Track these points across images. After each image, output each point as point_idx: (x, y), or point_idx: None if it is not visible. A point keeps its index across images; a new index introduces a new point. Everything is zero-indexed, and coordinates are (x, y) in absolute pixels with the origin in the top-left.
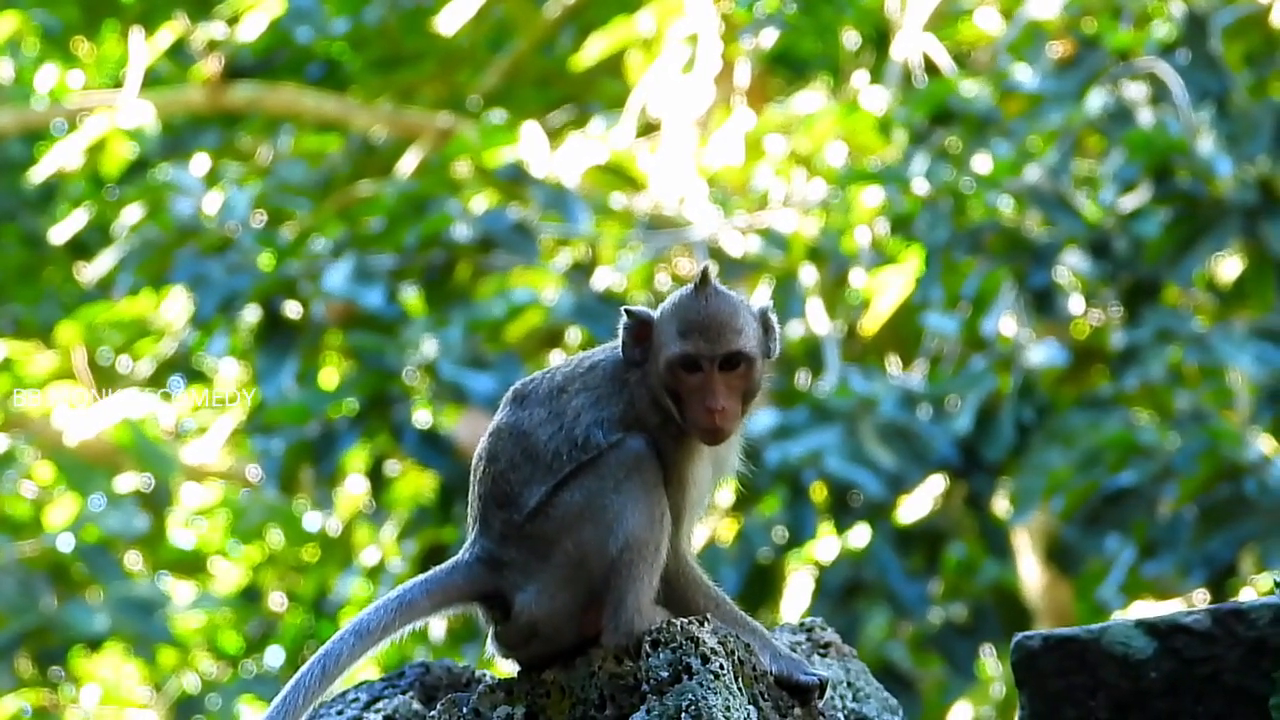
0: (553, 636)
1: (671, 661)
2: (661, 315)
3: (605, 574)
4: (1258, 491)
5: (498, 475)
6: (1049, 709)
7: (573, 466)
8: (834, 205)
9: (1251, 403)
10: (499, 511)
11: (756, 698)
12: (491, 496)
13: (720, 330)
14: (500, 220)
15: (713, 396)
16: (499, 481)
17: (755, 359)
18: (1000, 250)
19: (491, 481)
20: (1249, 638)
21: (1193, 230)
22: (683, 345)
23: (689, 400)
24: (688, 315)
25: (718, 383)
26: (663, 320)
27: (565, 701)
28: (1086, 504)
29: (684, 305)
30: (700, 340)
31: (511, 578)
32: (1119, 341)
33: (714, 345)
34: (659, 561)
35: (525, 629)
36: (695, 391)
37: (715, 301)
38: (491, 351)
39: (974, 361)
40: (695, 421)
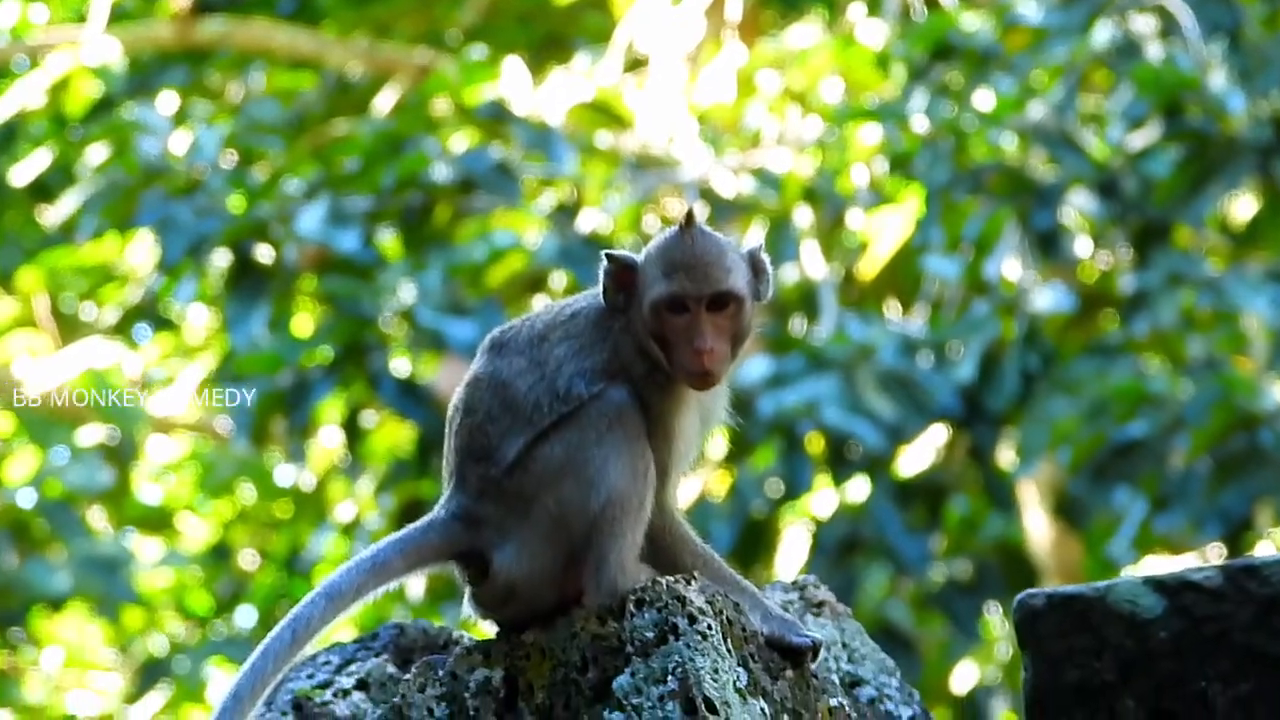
0: (532, 596)
1: (657, 622)
2: (645, 258)
3: (587, 531)
4: (1273, 442)
5: (474, 428)
6: (1052, 670)
7: (554, 419)
8: (830, 144)
9: (1267, 349)
10: (476, 466)
11: (746, 659)
12: (468, 450)
13: (707, 269)
14: (481, 160)
15: (700, 338)
16: (476, 434)
17: (744, 299)
18: (1003, 190)
19: (468, 434)
20: (1262, 595)
21: (1204, 169)
22: (668, 286)
23: (676, 344)
24: (672, 256)
25: (705, 324)
26: (647, 263)
27: (546, 664)
28: (1095, 456)
29: (668, 246)
30: (686, 280)
31: (489, 535)
32: (1128, 285)
33: (700, 285)
34: (643, 517)
35: (503, 589)
36: (682, 334)
37: (701, 241)
38: (472, 297)
39: (976, 307)
40: (682, 365)
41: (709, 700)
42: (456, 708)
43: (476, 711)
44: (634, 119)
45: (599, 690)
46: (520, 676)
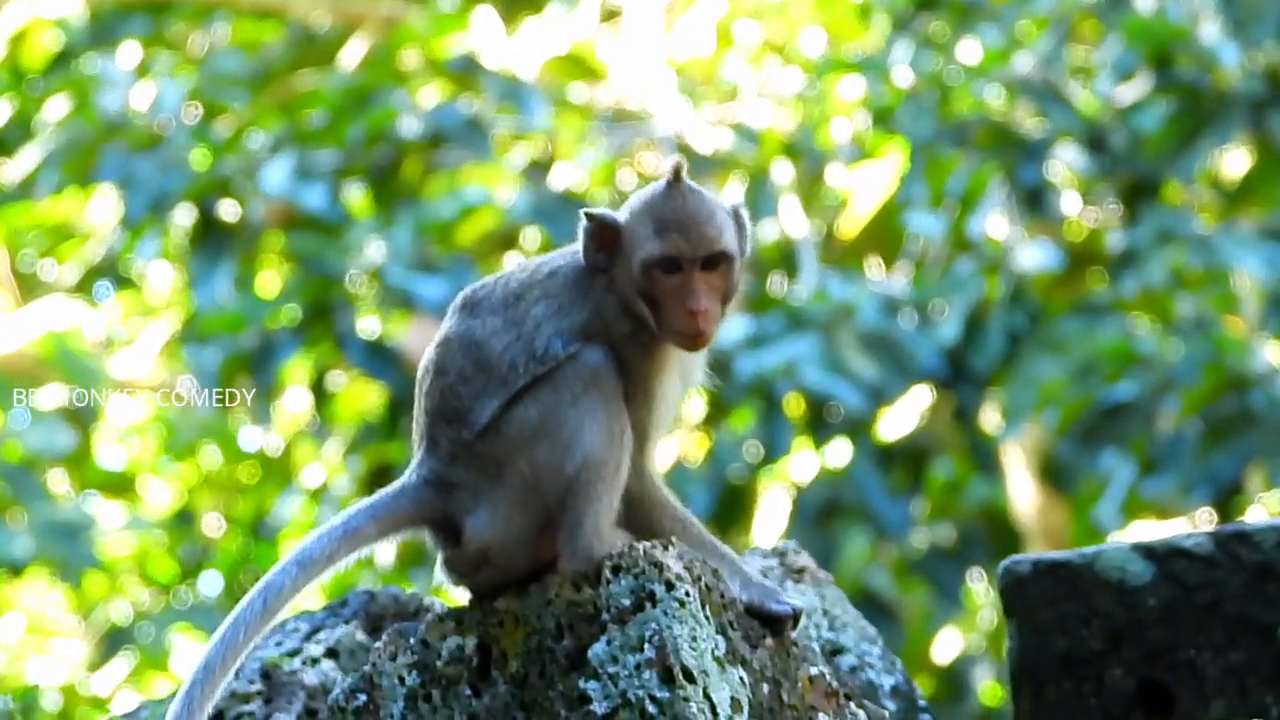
0: (506, 563)
1: (634, 589)
2: (631, 215)
3: (561, 495)
4: (1265, 404)
5: (446, 389)
6: (1039, 639)
7: (528, 380)
8: (810, 97)
9: (1259, 308)
10: (447, 429)
11: (725, 627)
12: (439, 412)
13: (700, 228)
14: (451, 114)
15: (694, 298)
16: (447, 396)
17: (735, 258)
18: (989, 145)
19: (439, 396)
20: (1253, 562)
21: (1195, 123)
22: (661, 245)
23: (667, 304)
24: (662, 214)
25: (699, 283)
26: (633, 220)
27: (520, 631)
28: (1082, 418)
29: (657, 203)
30: (680, 239)
31: (461, 500)
32: (1116, 243)
33: (695, 245)
34: (619, 481)
35: (476, 555)
36: (674, 294)
37: (691, 199)
38: (442, 255)
39: (961, 265)
40: (674, 326)
41: (686, 669)
42: (429, 676)
43: (449, 680)
44: (609, 72)
45: (574, 658)
46: (494, 644)
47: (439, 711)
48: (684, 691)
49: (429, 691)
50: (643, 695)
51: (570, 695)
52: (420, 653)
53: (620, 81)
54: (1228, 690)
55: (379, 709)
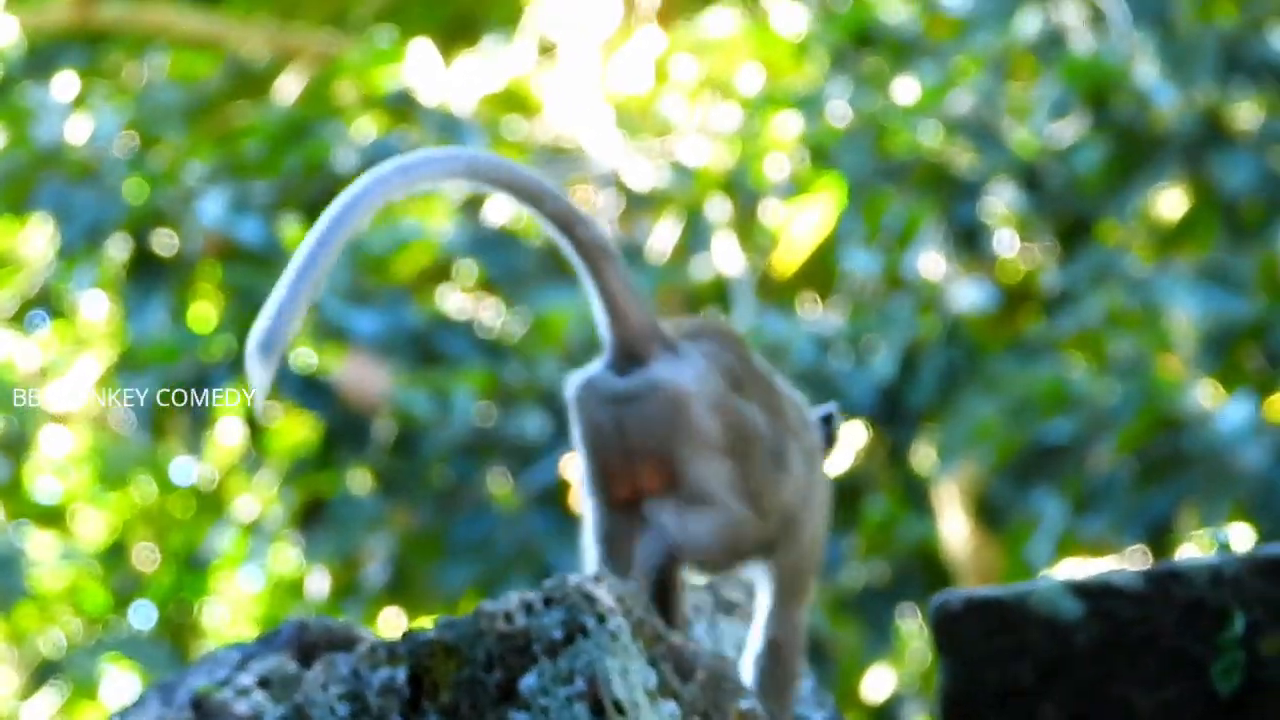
0: None
1: (565, 621)
2: None
3: None
4: (1198, 445)
5: None
6: (970, 674)
7: None
8: (747, 134)
9: (1194, 349)
10: None
11: (656, 660)
12: None
13: None
14: (387, 148)
15: None
16: None
17: None
18: (925, 183)
19: None
20: (1186, 599)
21: (1132, 163)
22: None
23: None
24: None
25: None
26: None
27: (451, 662)
28: (1016, 456)
29: None
30: None
31: None
32: (1052, 282)
33: None
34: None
35: None
36: None
37: None
38: (377, 288)
39: (895, 303)
40: None
41: (617, 702)
42: (360, 707)
43: (381, 711)
44: (545, 107)
45: (505, 690)
46: (425, 676)
47: None
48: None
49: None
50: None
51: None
52: (352, 683)
53: (556, 117)
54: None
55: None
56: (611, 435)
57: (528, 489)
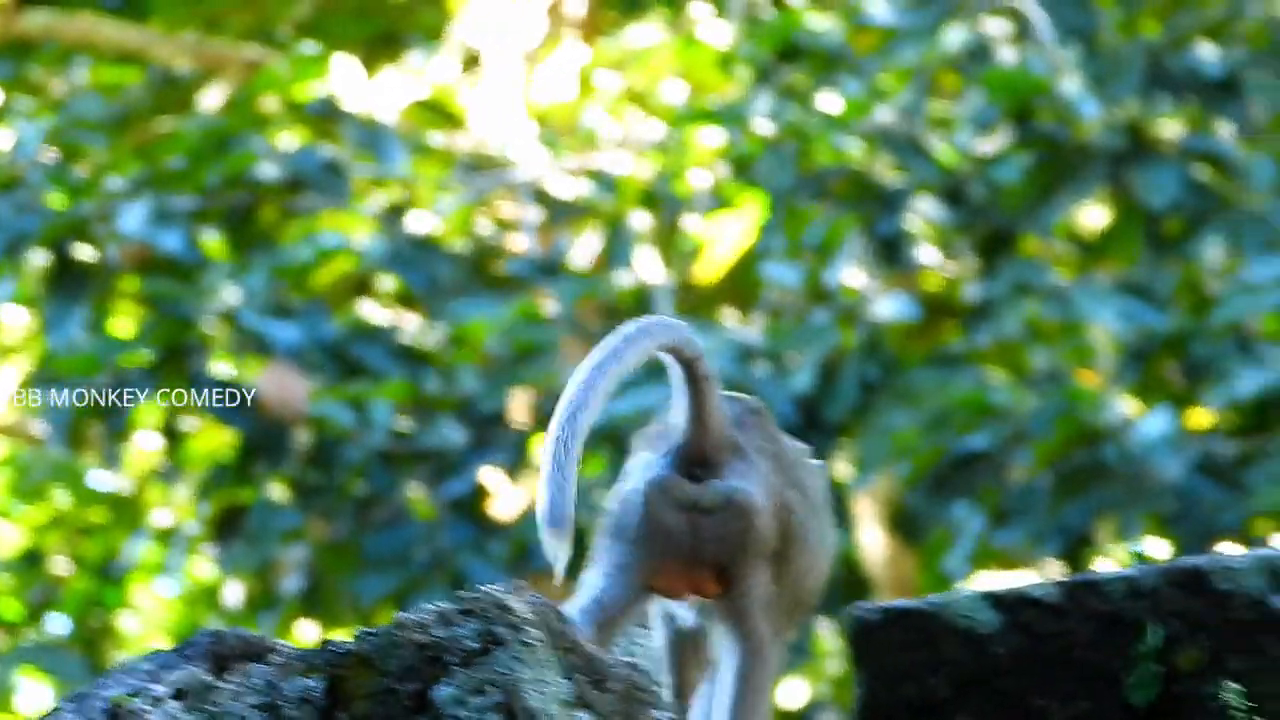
0: None
1: (480, 631)
2: None
3: None
4: (1117, 457)
5: None
6: (887, 687)
7: None
8: (670, 146)
9: (1113, 362)
10: None
11: (571, 671)
12: None
13: None
14: (310, 159)
15: None
16: None
17: None
18: (847, 196)
19: None
20: (1102, 612)
21: (1055, 176)
22: None
23: None
24: None
25: None
26: None
27: (366, 673)
28: (934, 468)
29: None
30: None
31: None
32: (973, 295)
33: None
34: None
35: None
36: None
37: None
38: (298, 299)
39: (816, 315)
40: None
41: (531, 712)
42: (274, 717)
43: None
44: (468, 118)
45: (420, 701)
46: (341, 686)
47: None
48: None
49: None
50: None
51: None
52: (267, 694)
53: (480, 128)
54: None
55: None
56: (682, 540)
57: (445, 500)
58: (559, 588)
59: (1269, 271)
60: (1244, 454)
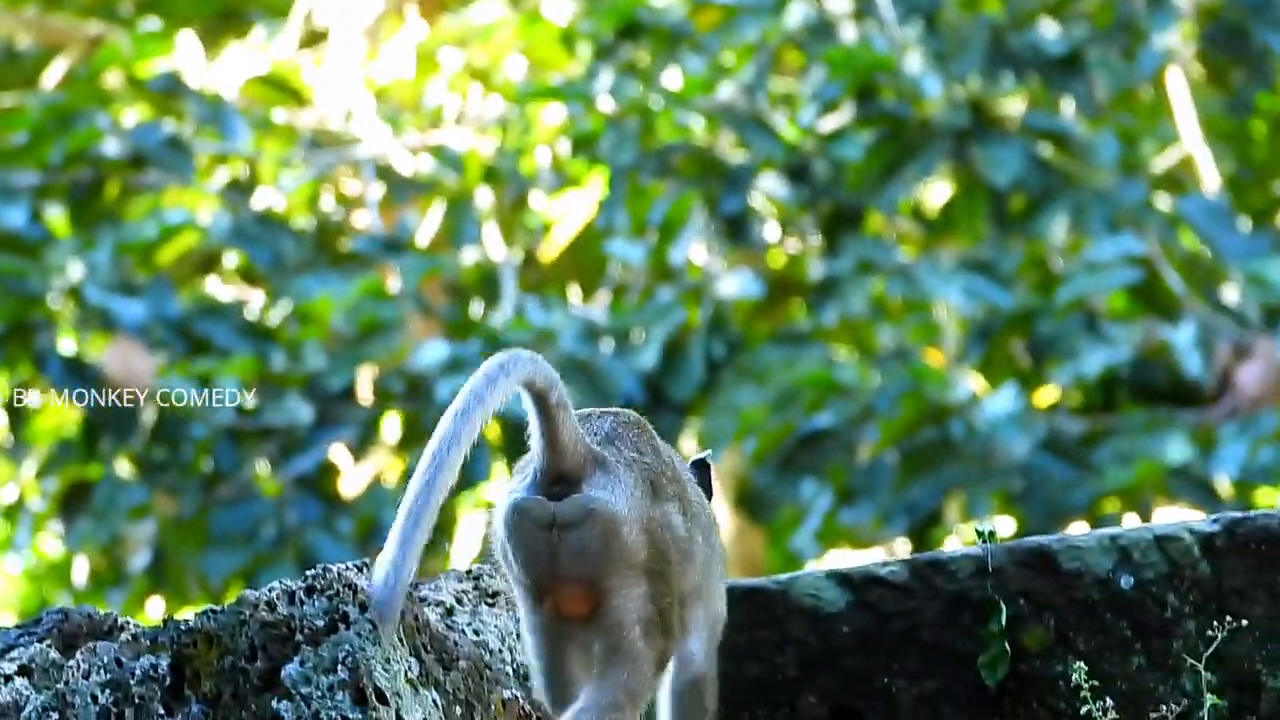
0: None
1: (327, 610)
2: None
3: None
4: (964, 435)
5: None
6: (733, 665)
7: None
8: (512, 123)
9: (959, 339)
10: None
11: (419, 650)
12: None
13: None
14: (153, 135)
15: None
16: None
17: None
18: (691, 173)
19: None
20: (949, 591)
21: (898, 154)
22: None
23: None
24: None
25: None
26: None
27: (214, 651)
28: (780, 446)
29: None
30: None
31: None
32: (817, 272)
33: None
34: None
35: None
36: None
37: None
38: (142, 275)
39: (661, 292)
40: None
41: (380, 691)
42: (121, 695)
43: (142, 699)
44: (311, 95)
45: (267, 679)
46: (187, 664)
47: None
48: (376, 713)
49: (121, 710)
50: (335, 716)
51: (263, 715)
52: (114, 671)
53: (323, 105)
54: (922, 718)
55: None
56: (546, 557)
57: (292, 477)
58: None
59: (1113, 249)
60: (1090, 432)
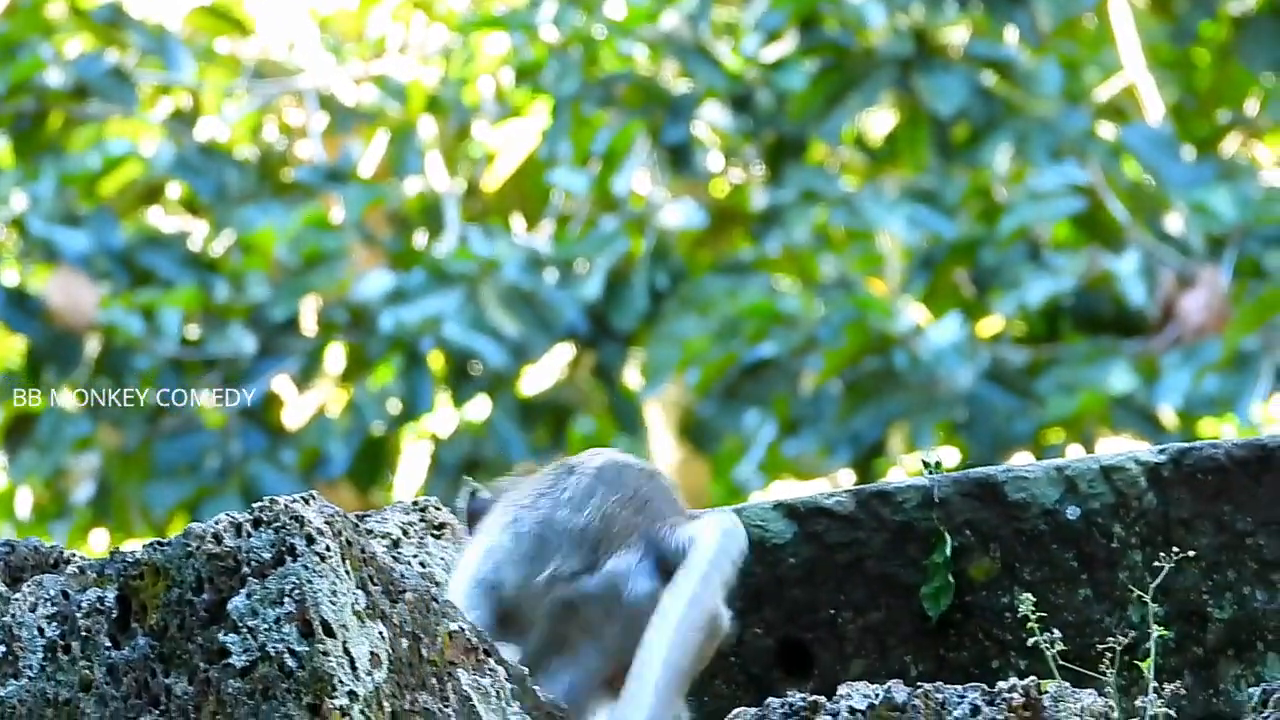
0: None
1: (274, 542)
2: None
3: None
4: (908, 365)
5: None
6: None
7: None
8: (455, 53)
9: (903, 269)
10: None
11: (365, 582)
12: None
13: None
14: (96, 65)
15: None
16: None
17: None
18: (634, 103)
19: None
20: (895, 522)
21: (841, 83)
22: None
23: None
24: None
25: None
26: None
27: (160, 584)
28: (724, 376)
29: None
30: None
31: None
32: (760, 202)
33: None
34: None
35: None
36: None
37: None
38: (86, 206)
39: (604, 222)
40: None
41: (326, 623)
42: (68, 628)
43: (89, 631)
44: (254, 25)
45: (214, 612)
46: (134, 597)
47: (78, 663)
48: (323, 645)
49: (68, 643)
50: (282, 649)
51: (209, 648)
52: (60, 604)
53: (265, 35)
54: (867, 649)
55: (17, 660)
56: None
57: (235, 408)
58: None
59: (1057, 178)
60: (1034, 362)
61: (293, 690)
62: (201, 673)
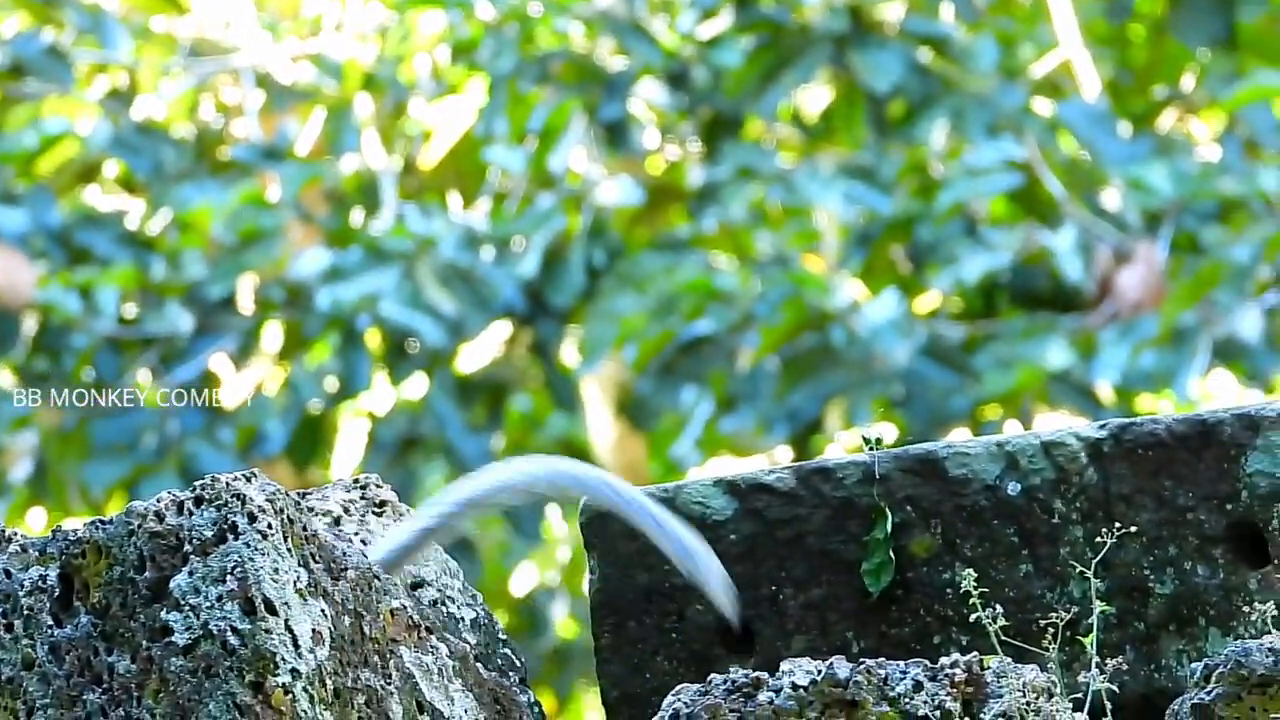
0: None
1: (215, 520)
2: None
3: None
4: (845, 341)
5: None
6: (620, 573)
7: None
8: (391, 31)
9: (839, 245)
10: None
11: (307, 559)
12: None
13: None
14: (32, 44)
15: None
16: None
17: None
18: (570, 80)
19: None
20: (835, 498)
21: (777, 60)
22: None
23: None
24: None
25: None
26: None
27: (102, 562)
28: (661, 353)
29: None
30: None
31: None
32: (697, 179)
33: None
34: None
35: None
36: None
37: None
38: (22, 185)
39: (541, 199)
40: None
41: (268, 600)
42: (10, 606)
43: (31, 610)
44: (190, 3)
45: (156, 590)
46: (76, 575)
47: (20, 641)
48: (265, 623)
49: (10, 622)
50: (224, 627)
51: (152, 626)
52: (2, 583)
53: (202, 13)
54: (809, 626)
55: None
56: None
57: (173, 386)
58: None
59: (993, 154)
60: (971, 338)
61: (235, 668)
62: (144, 651)
